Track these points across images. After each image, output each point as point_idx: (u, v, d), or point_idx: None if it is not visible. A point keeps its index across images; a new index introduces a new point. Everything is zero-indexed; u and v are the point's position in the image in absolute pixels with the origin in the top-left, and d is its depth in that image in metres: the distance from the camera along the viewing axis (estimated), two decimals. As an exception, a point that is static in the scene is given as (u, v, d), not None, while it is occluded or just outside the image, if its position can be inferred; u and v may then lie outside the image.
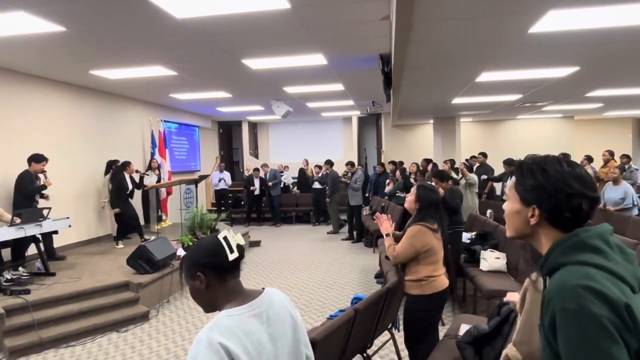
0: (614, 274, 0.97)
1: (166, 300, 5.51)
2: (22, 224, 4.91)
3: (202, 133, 12.74)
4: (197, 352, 1.20)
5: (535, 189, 1.10)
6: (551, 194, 1.07)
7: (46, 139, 6.60)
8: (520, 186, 1.14)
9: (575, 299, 0.94)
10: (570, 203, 1.06)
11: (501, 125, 13.64)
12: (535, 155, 1.17)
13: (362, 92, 8.76)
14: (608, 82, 7.23)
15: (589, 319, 0.91)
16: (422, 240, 2.90)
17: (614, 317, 0.91)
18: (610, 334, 0.90)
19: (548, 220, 1.09)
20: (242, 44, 5.02)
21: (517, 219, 1.16)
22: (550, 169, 1.09)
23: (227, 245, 1.34)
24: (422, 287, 2.92)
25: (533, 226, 1.12)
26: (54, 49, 5.09)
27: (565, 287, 0.97)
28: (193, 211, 7.09)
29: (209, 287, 1.34)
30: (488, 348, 2.48)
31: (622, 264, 1.00)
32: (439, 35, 4.18)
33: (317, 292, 5.79)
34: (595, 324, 0.91)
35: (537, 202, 1.09)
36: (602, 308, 0.91)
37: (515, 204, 1.16)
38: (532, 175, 1.11)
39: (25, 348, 4.10)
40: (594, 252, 1.01)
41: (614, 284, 0.95)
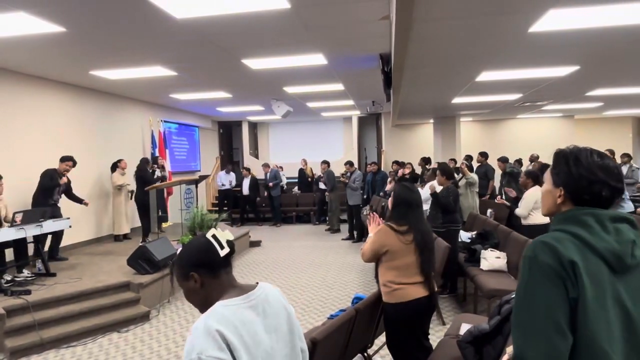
0: (586, 244, 1.17)
1: (167, 301, 5.51)
2: (23, 225, 4.91)
3: (202, 133, 12.75)
4: (194, 339, 1.21)
5: (564, 174, 1.29)
6: (576, 179, 1.26)
7: (46, 140, 6.60)
8: (554, 170, 1.35)
9: (534, 249, 1.20)
10: (591, 188, 1.25)
11: (501, 125, 13.64)
12: (574, 146, 1.35)
13: (362, 92, 8.76)
14: (608, 81, 7.23)
15: (537, 263, 1.17)
16: (381, 241, 2.75)
17: (557, 266, 1.15)
18: (549, 277, 1.15)
19: (571, 200, 1.28)
20: (242, 44, 5.02)
21: (549, 197, 1.35)
22: (582, 158, 1.28)
23: (216, 242, 1.35)
24: (389, 293, 2.74)
25: (559, 205, 1.31)
26: (53, 50, 5.09)
27: (534, 242, 1.23)
28: (193, 211, 7.09)
29: (203, 285, 1.35)
30: (489, 347, 2.48)
31: (605, 240, 1.18)
32: (438, 34, 4.18)
33: (318, 291, 5.79)
34: (540, 267, 1.16)
35: (564, 184, 1.29)
36: (550, 258, 1.16)
37: (549, 186, 1.36)
38: (565, 162, 1.30)
39: (26, 348, 4.10)
40: (579, 225, 1.21)
41: (578, 249, 1.17)
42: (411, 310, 2.71)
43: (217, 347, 1.18)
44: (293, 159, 13.72)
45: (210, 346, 1.18)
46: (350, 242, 9.08)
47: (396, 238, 2.72)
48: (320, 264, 7.29)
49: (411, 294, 2.70)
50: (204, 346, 1.18)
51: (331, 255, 7.94)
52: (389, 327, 2.87)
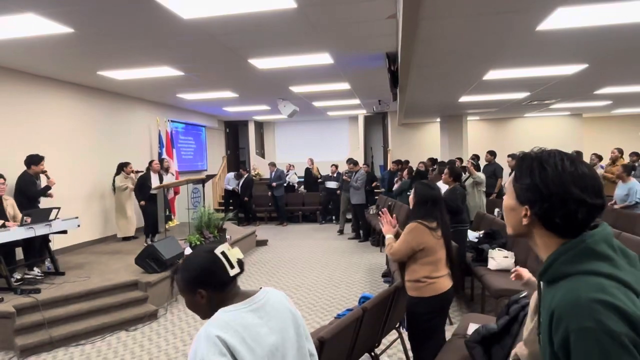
0: (623, 283, 0.91)
1: (174, 299, 5.54)
2: (32, 224, 4.95)
3: (209, 133, 12.79)
4: (197, 347, 1.24)
5: (530, 189, 1.02)
6: (544, 197, 0.99)
7: (54, 139, 6.66)
8: (517, 183, 1.07)
9: (592, 316, 0.87)
10: (565, 208, 0.98)
11: (508, 124, 13.56)
12: (540, 149, 1.07)
13: (368, 91, 8.75)
14: (617, 79, 7.16)
15: (609, 337, 0.86)
16: (418, 238, 2.80)
17: (631, 333, 0.86)
18: (630, 352, 0.85)
19: (541, 223, 1.02)
20: (248, 44, 5.04)
21: (512, 216, 1.09)
22: (550, 168, 1.00)
23: (226, 261, 1.35)
24: (420, 289, 2.81)
25: (526, 226, 1.05)
26: (62, 50, 5.13)
27: (579, 303, 0.89)
28: (200, 211, 7.12)
29: (209, 300, 1.36)
30: (497, 347, 2.47)
31: (629, 270, 0.95)
32: (445, 33, 4.16)
33: (325, 291, 5.79)
34: (615, 342, 0.85)
35: (529, 203, 1.02)
36: (620, 325, 0.86)
37: (511, 200, 1.09)
38: (530, 172, 1.03)
39: (35, 346, 4.14)
40: (603, 260, 0.94)
41: (626, 294, 0.90)
42: (443, 301, 2.87)
43: (218, 352, 1.20)
44: (299, 158, 13.74)
45: (212, 352, 1.20)
46: (357, 242, 9.07)
47: (430, 235, 2.82)
48: (326, 263, 7.29)
49: (443, 286, 2.84)
50: (205, 352, 1.21)
51: (337, 254, 7.94)
52: (418, 321, 2.89)
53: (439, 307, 2.87)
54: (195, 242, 6.43)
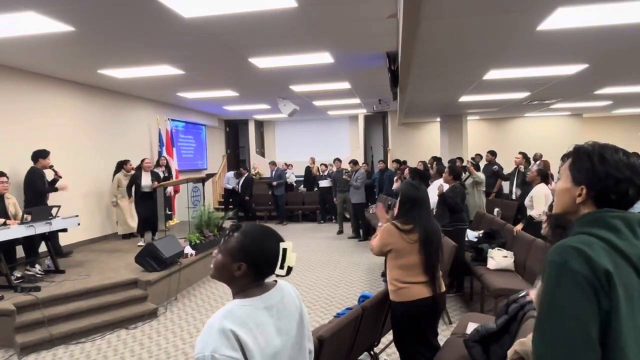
0: (617, 250, 1.06)
1: (174, 298, 5.54)
2: (32, 222, 4.96)
3: (209, 132, 12.80)
4: (208, 336, 1.23)
5: (588, 171, 1.18)
6: (602, 177, 1.15)
7: (55, 137, 6.66)
8: (575, 166, 1.22)
9: (562, 254, 1.07)
10: (618, 187, 1.14)
11: (509, 124, 13.56)
12: (594, 143, 1.24)
13: (368, 91, 8.75)
14: (617, 79, 7.16)
15: (568, 271, 1.04)
16: (385, 239, 2.75)
17: (591, 275, 1.02)
18: (582, 288, 1.02)
19: (594, 200, 1.17)
20: (249, 43, 5.04)
21: (566, 196, 1.24)
22: (608, 156, 1.17)
23: (282, 258, 1.35)
24: (395, 292, 2.75)
25: (578, 204, 1.20)
26: (62, 49, 5.13)
27: (561, 245, 1.10)
28: (200, 209, 7.13)
29: (243, 277, 1.35)
30: (496, 346, 2.48)
31: (634, 244, 1.08)
32: (446, 32, 4.16)
33: (324, 290, 5.80)
34: (572, 276, 1.04)
35: (587, 182, 1.18)
36: (583, 266, 1.03)
37: (567, 183, 1.24)
38: (589, 158, 1.19)
39: (35, 344, 4.15)
40: (607, 229, 1.10)
41: (610, 256, 1.05)
42: (416, 309, 2.70)
43: (231, 347, 1.21)
44: (299, 158, 13.75)
45: (224, 345, 1.20)
46: (357, 241, 9.08)
47: (400, 237, 2.71)
48: (326, 262, 7.30)
49: (415, 293, 2.69)
50: (217, 345, 1.20)
51: (337, 253, 7.94)
52: (395, 325, 2.88)
53: (411, 315, 2.72)
54: (195, 240, 6.44)
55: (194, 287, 6.09)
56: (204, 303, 5.43)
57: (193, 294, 5.83)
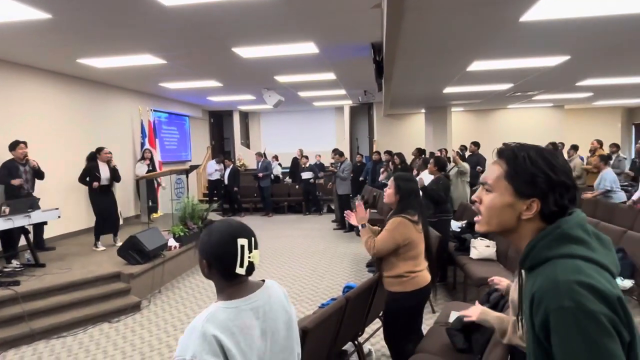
0: (599, 265, 0.94)
1: (158, 291, 5.50)
2: (11, 215, 4.85)
3: (193, 123, 12.64)
4: (189, 340, 1.21)
5: (538, 181, 1.01)
6: (555, 186, 1.00)
7: (33, 129, 6.49)
8: (517, 177, 1.03)
9: (571, 296, 0.89)
10: (569, 194, 1.02)
11: (492, 115, 13.70)
12: (521, 144, 1.08)
13: (353, 82, 8.73)
14: (598, 71, 7.27)
15: (587, 316, 0.88)
16: (403, 234, 2.73)
17: (609, 312, 0.88)
18: (608, 330, 0.88)
19: (541, 214, 1.02)
20: (232, 32, 4.96)
21: (506, 213, 1.05)
22: (553, 160, 1.02)
23: (240, 256, 1.29)
24: (403, 283, 2.76)
25: (523, 221, 1.04)
26: (39, 37, 4.99)
27: (557, 284, 0.92)
28: (184, 201, 7.05)
29: (211, 273, 1.34)
30: (477, 334, 2.51)
31: (603, 252, 0.98)
32: (430, 23, 4.16)
33: (309, 281, 5.81)
34: (594, 321, 0.87)
35: (540, 195, 1.01)
36: (598, 304, 0.88)
37: (506, 197, 1.04)
38: (533, 163, 1.02)
39: (15, 339, 4.07)
40: (578, 244, 0.97)
41: (602, 275, 0.93)
42: (424, 294, 2.83)
43: (212, 352, 1.18)
44: (284, 149, 13.70)
45: (205, 350, 1.18)
46: (342, 232, 9.11)
47: (414, 229, 2.77)
48: (311, 253, 7.31)
49: (423, 280, 2.81)
50: (198, 349, 1.18)
51: (322, 244, 7.96)
52: (397, 316, 2.84)
53: (419, 300, 2.85)
54: (179, 233, 6.38)
55: (178, 280, 6.05)
56: (188, 296, 5.39)
57: (177, 286, 5.79)
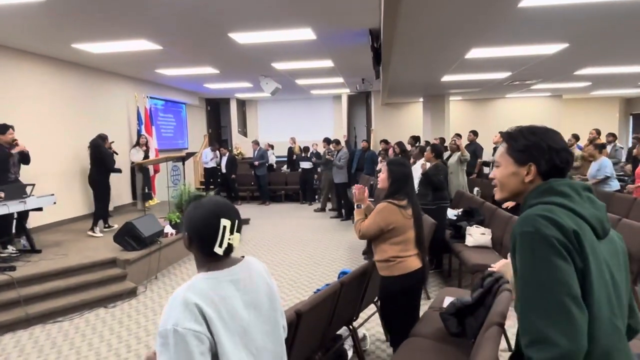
0: (574, 212, 1.15)
1: (154, 277, 5.51)
2: (5, 201, 4.82)
3: (190, 110, 12.57)
4: (171, 310, 1.21)
5: (530, 148, 1.26)
6: (545, 150, 1.24)
7: (27, 115, 6.44)
8: (513, 149, 1.30)
9: (532, 223, 1.12)
10: (560, 156, 1.24)
11: (490, 104, 13.66)
12: (519, 126, 1.33)
13: (351, 69, 8.67)
14: (597, 59, 7.24)
15: (541, 238, 1.09)
16: (387, 218, 2.72)
17: (563, 238, 1.09)
18: (559, 251, 1.08)
19: (541, 175, 1.26)
20: (228, 17, 4.91)
21: (512, 180, 1.31)
22: (538, 131, 1.28)
23: (221, 235, 1.30)
24: (390, 268, 2.77)
25: (527, 183, 1.28)
26: (33, 20, 4.92)
27: (526, 216, 1.16)
28: (180, 189, 7.04)
29: (191, 248, 1.36)
30: (471, 318, 2.53)
31: (586, 207, 1.17)
32: (428, 9, 4.11)
33: (306, 268, 5.83)
34: (546, 242, 1.09)
35: (534, 159, 1.26)
36: (553, 230, 1.09)
37: (510, 167, 1.31)
38: (525, 137, 1.28)
39: (12, 324, 4.08)
40: (560, 195, 1.19)
41: (571, 218, 1.13)
42: (412, 280, 2.78)
43: (194, 319, 1.18)
44: (282, 137, 13.65)
45: (187, 318, 1.18)
46: (339, 220, 9.13)
47: (400, 214, 2.73)
48: (308, 241, 7.33)
49: (410, 265, 2.76)
50: (180, 317, 1.18)
51: (319, 232, 7.98)
52: (389, 300, 2.85)
53: (409, 285, 2.81)
54: (175, 220, 6.38)
55: (174, 267, 6.06)
56: (184, 282, 5.38)
57: (173, 272, 5.80)
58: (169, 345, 1.16)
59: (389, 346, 3.44)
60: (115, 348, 3.74)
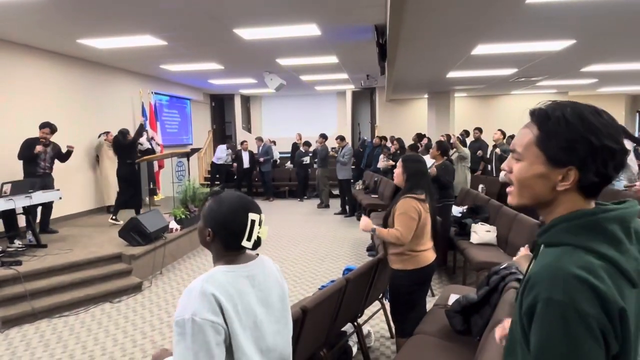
0: (619, 269, 0.82)
1: (159, 272, 5.53)
2: (11, 195, 4.85)
3: (194, 106, 12.57)
4: (188, 299, 1.22)
5: (575, 145, 0.86)
6: (597, 152, 0.84)
7: (33, 110, 6.46)
8: (550, 142, 0.89)
9: (566, 290, 0.79)
10: (615, 162, 0.86)
11: (495, 101, 13.59)
12: (557, 102, 0.92)
13: (356, 65, 8.64)
14: (604, 56, 7.18)
15: (577, 316, 0.78)
16: (417, 209, 2.72)
17: (603, 317, 0.78)
18: (595, 337, 0.78)
19: (579, 184, 0.88)
20: (233, 13, 4.90)
21: (539, 183, 0.92)
22: (593, 119, 0.86)
23: (249, 229, 1.31)
24: (404, 261, 2.79)
25: (559, 192, 0.90)
26: (38, 16, 4.93)
27: (557, 273, 0.81)
28: (185, 184, 7.05)
29: (213, 242, 1.35)
30: (476, 316, 2.52)
31: (633, 257, 0.85)
32: (434, 5, 4.08)
33: (310, 264, 5.84)
34: (583, 324, 0.78)
35: (578, 162, 0.86)
36: (594, 307, 0.78)
37: (537, 165, 0.91)
38: (570, 127, 0.86)
39: (18, 318, 4.11)
40: (608, 242, 0.84)
41: (615, 281, 0.80)
42: (426, 273, 2.83)
43: (212, 310, 1.19)
44: (286, 133, 13.65)
45: (205, 308, 1.18)
46: (343, 217, 9.12)
47: (422, 207, 2.77)
48: (312, 237, 7.33)
49: (425, 259, 2.81)
50: (198, 308, 1.18)
51: (323, 229, 7.98)
52: (401, 293, 2.85)
53: (421, 279, 2.85)
54: (180, 215, 6.39)
55: (179, 262, 6.08)
56: (189, 277, 5.43)
57: (178, 268, 5.82)
58: (186, 335, 1.17)
59: (393, 343, 3.45)
60: (120, 343, 3.76)
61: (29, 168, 5.72)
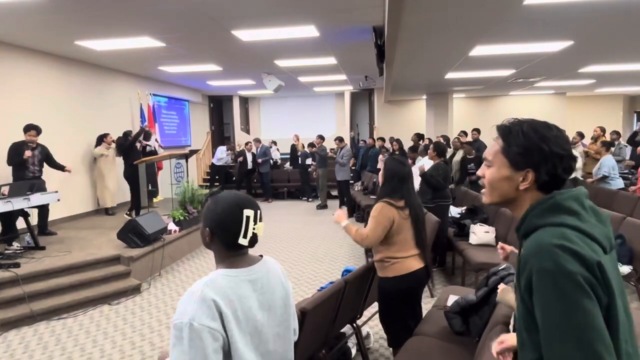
0: (586, 234, 0.99)
1: (158, 274, 5.52)
2: (9, 197, 4.84)
3: (193, 107, 12.57)
4: (188, 303, 1.21)
5: (530, 152, 1.08)
6: (547, 157, 1.06)
7: (31, 112, 6.45)
8: (511, 150, 1.11)
9: (552, 258, 0.95)
10: (563, 164, 1.07)
11: (494, 101, 13.61)
12: (517, 119, 1.14)
13: (354, 66, 8.65)
14: (601, 57, 7.20)
15: (565, 276, 0.94)
16: (388, 216, 2.65)
17: (587, 274, 0.94)
18: (585, 290, 0.93)
19: (537, 183, 1.09)
20: (232, 14, 4.90)
21: (504, 184, 1.13)
22: (545, 132, 1.08)
23: (245, 226, 1.31)
24: (385, 268, 2.73)
25: (521, 191, 1.11)
26: (36, 18, 4.92)
27: (541, 247, 0.99)
28: (184, 186, 7.04)
29: (212, 242, 1.35)
30: (475, 317, 2.52)
31: (595, 224, 1.03)
32: (432, 6, 4.09)
33: (309, 265, 5.84)
34: (571, 281, 0.93)
35: (533, 165, 1.08)
36: (577, 266, 0.94)
37: (503, 170, 1.13)
38: (525, 136, 1.08)
39: (16, 320, 4.10)
40: (569, 214, 1.03)
41: (587, 243, 0.98)
42: (409, 282, 2.71)
43: (211, 316, 1.18)
44: (284, 135, 13.66)
45: (204, 314, 1.18)
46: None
47: (397, 213, 2.67)
48: (311, 238, 7.33)
49: (409, 266, 2.70)
50: (197, 313, 1.18)
51: (322, 230, 7.98)
52: (385, 301, 2.81)
53: (406, 287, 2.73)
54: (179, 217, 6.38)
55: (177, 264, 6.07)
56: (188, 279, 5.42)
57: (177, 270, 5.82)
58: (183, 339, 1.16)
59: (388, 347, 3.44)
60: (119, 345, 3.75)
61: (18, 173, 5.62)
